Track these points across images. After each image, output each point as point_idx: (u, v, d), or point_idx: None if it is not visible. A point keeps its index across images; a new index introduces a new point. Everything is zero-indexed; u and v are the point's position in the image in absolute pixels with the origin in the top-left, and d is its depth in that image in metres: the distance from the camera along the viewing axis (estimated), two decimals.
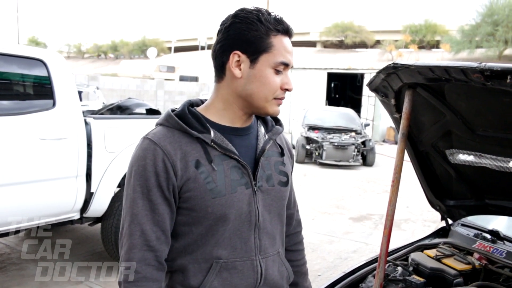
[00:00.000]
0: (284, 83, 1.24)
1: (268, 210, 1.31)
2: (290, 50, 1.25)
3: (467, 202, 2.28)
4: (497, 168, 1.83)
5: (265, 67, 1.22)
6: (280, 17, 1.24)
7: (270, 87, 1.23)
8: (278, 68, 1.22)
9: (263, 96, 1.23)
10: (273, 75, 1.23)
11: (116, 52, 61.68)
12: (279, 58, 1.22)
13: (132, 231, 1.18)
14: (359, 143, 11.80)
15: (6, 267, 4.11)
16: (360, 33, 48.51)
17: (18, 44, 4.20)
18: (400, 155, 1.83)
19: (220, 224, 1.22)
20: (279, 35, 1.22)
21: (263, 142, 1.33)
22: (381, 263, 1.85)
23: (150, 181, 1.18)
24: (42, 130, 3.35)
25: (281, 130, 1.41)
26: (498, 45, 32.05)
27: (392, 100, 1.89)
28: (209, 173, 1.20)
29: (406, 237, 5.39)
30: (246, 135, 1.32)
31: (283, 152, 1.40)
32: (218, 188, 1.20)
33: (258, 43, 1.21)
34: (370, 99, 18.52)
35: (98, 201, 3.78)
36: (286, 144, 1.48)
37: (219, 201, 1.20)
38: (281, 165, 1.37)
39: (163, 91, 22.05)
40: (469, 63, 1.33)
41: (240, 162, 1.24)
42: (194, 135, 1.21)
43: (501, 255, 2.17)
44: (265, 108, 1.26)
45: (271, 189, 1.31)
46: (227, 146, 1.23)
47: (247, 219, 1.26)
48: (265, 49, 1.21)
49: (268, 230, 1.31)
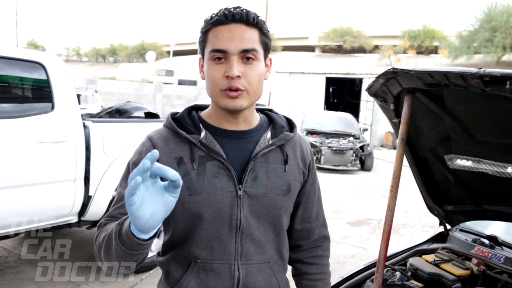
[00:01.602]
0: (226, 71, 1.19)
1: (257, 216, 1.27)
2: (227, 36, 1.19)
3: (465, 207, 2.28)
4: (496, 173, 1.84)
5: (206, 62, 1.23)
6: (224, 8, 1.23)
7: (210, 79, 1.22)
8: (215, 57, 1.20)
9: (210, 90, 1.24)
10: (213, 66, 1.21)
11: (114, 55, 61.74)
12: (210, 47, 1.21)
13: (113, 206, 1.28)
14: (357, 148, 11.81)
15: (4, 270, 4.09)
16: (359, 38, 48.67)
17: (17, 47, 4.19)
18: (399, 160, 1.83)
19: (196, 222, 1.23)
20: (213, 28, 1.22)
21: (261, 147, 1.29)
22: (379, 268, 1.85)
23: (134, 165, 1.27)
24: (41, 133, 3.34)
25: (290, 136, 1.35)
26: (496, 51, 32.18)
27: (391, 105, 1.89)
28: (188, 171, 1.22)
29: (404, 242, 5.38)
30: (244, 139, 1.30)
31: (287, 161, 1.33)
32: (195, 186, 1.21)
33: (201, 44, 1.26)
34: (368, 104, 18.55)
35: (96, 204, 3.77)
36: (301, 151, 1.39)
37: (195, 198, 1.21)
38: (279, 172, 1.31)
39: (162, 94, 22.06)
40: (469, 68, 1.33)
41: (224, 164, 1.24)
42: (182, 135, 1.25)
43: (499, 261, 2.17)
44: (217, 102, 1.23)
45: (262, 195, 1.26)
46: (214, 148, 1.24)
47: (228, 222, 1.24)
48: (204, 45, 1.24)
49: (255, 237, 1.27)
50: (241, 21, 1.20)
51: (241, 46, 1.19)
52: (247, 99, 1.22)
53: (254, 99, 1.25)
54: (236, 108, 1.22)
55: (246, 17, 1.21)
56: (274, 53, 48.91)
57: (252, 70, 1.21)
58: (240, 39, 1.19)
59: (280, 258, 1.36)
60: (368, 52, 48.76)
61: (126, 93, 20.13)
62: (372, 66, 37.11)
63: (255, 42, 1.22)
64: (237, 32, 1.20)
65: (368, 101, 18.34)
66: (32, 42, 61.36)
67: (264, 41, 1.25)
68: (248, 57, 1.20)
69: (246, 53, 1.20)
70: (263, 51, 1.25)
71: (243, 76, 1.19)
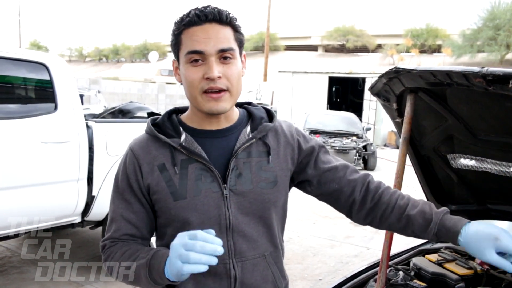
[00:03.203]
0: (205, 73, 1.17)
1: (245, 212, 1.26)
2: (202, 36, 1.17)
3: (469, 207, 2.27)
4: (499, 172, 1.83)
5: (183, 65, 1.21)
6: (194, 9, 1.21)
7: (188, 82, 1.20)
8: (192, 59, 1.18)
9: (190, 95, 1.22)
10: (190, 68, 1.19)
11: (117, 56, 61.82)
12: (186, 49, 1.18)
13: (111, 227, 1.27)
14: (360, 147, 11.79)
15: (7, 270, 4.11)
16: (362, 37, 48.59)
17: (20, 48, 4.20)
18: (402, 160, 1.83)
19: (186, 228, 1.20)
20: (186, 29, 1.19)
21: (241, 142, 1.28)
22: (382, 267, 1.84)
23: (122, 182, 1.27)
24: (44, 133, 3.36)
25: (270, 126, 1.32)
26: (499, 50, 32.08)
27: (394, 105, 1.89)
28: (171, 177, 1.22)
29: (407, 242, 5.36)
30: (225, 136, 1.28)
31: (270, 151, 1.30)
32: (179, 191, 1.21)
33: (174, 46, 1.24)
34: (371, 103, 18.53)
35: (99, 204, 3.78)
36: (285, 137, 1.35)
37: (181, 203, 1.21)
38: (266, 165, 1.29)
39: (165, 94, 22.09)
40: (471, 67, 1.33)
41: (206, 166, 1.23)
42: (162, 139, 1.25)
43: None
44: (199, 106, 1.21)
45: (248, 191, 1.25)
46: (195, 150, 1.23)
47: (217, 223, 1.23)
48: (179, 48, 1.22)
49: (246, 233, 1.26)
50: (214, 21, 1.19)
51: (218, 46, 1.17)
52: (230, 100, 1.22)
53: (236, 98, 1.25)
54: (220, 112, 1.22)
55: (219, 16, 1.19)
56: (277, 53, 48.92)
57: (231, 69, 1.20)
58: (216, 39, 1.17)
59: (275, 249, 1.34)
60: (371, 51, 48.68)
61: (129, 93, 20.16)
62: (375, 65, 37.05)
63: (231, 40, 1.21)
64: (212, 32, 1.18)
65: (371, 100, 18.32)
66: (35, 42, 61.51)
67: (239, 38, 1.24)
68: (225, 56, 1.19)
69: (223, 53, 1.18)
70: (239, 48, 1.24)
71: (223, 76, 1.18)
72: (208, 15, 1.18)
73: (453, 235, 1.20)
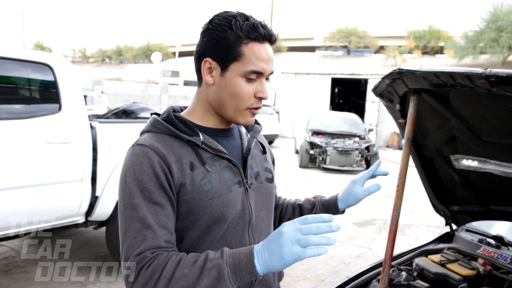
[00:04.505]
0: (258, 91, 1.21)
1: (260, 207, 1.34)
2: (266, 58, 1.20)
3: (471, 207, 2.28)
4: (502, 173, 1.84)
5: (235, 76, 1.19)
6: (258, 23, 1.19)
7: (240, 97, 1.20)
8: (250, 77, 1.19)
9: (233, 106, 1.22)
10: (244, 83, 1.19)
11: (120, 56, 61.92)
12: (249, 67, 1.18)
13: (146, 235, 1.11)
14: (362, 148, 11.79)
15: (11, 270, 4.13)
16: (364, 39, 48.58)
17: (24, 49, 4.22)
18: (405, 160, 1.84)
19: (217, 224, 1.22)
20: (251, 43, 1.18)
21: (247, 141, 1.37)
22: (385, 268, 1.85)
23: (149, 184, 1.14)
24: (48, 134, 3.37)
25: (260, 128, 1.45)
26: (502, 51, 32.01)
27: (397, 106, 1.90)
28: (204, 175, 1.20)
29: (409, 243, 5.38)
30: (230, 136, 1.35)
31: (265, 150, 1.45)
32: (215, 188, 1.21)
33: (227, 52, 1.18)
34: (374, 105, 18.51)
35: (103, 204, 3.79)
36: (264, 142, 1.51)
37: (217, 201, 1.21)
38: (265, 162, 1.42)
39: (168, 95, 22.10)
40: (475, 69, 1.34)
41: (231, 162, 1.26)
42: (184, 138, 1.21)
43: (506, 261, 2.16)
44: (236, 117, 1.24)
45: (260, 186, 1.35)
46: (217, 147, 1.25)
47: (242, 217, 1.27)
48: (235, 57, 1.18)
49: (261, 227, 1.33)
50: (271, 41, 1.22)
51: (271, 69, 1.23)
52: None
53: None
54: (251, 124, 1.30)
55: (274, 38, 1.23)
56: (279, 54, 48.89)
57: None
58: (272, 62, 1.23)
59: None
60: (374, 52, 48.64)
61: (132, 94, 20.18)
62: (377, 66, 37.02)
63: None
64: (270, 54, 1.22)
65: (374, 101, 18.30)
66: (39, 43, 61.70)
67: None
68: (267, 77, 1.25)
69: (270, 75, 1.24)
70: None
71: None
72: (272, 36, 1.22)
73: (334, 201, 1.57)
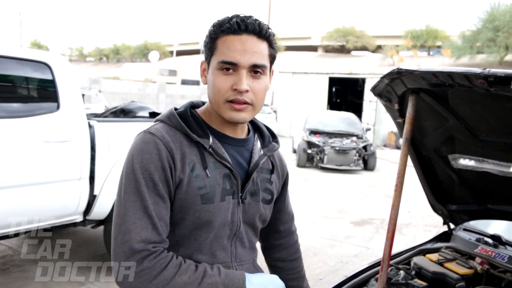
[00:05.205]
0: (234, 83, 1.17)
1: (246, 221, 1.33)
2: (240, 48, 1.17)
3: (469, 206, 2.29)
4: (500, 173, 1.84)
5: (213, 70, 1.20)
6: (236, 16, 1.20)
7: (215, 89, 1.19)
8: (224, 68, 1.17)
9: (214, 100, 1.21)
10: (220, 76, 1.18)
11: (118, 55, 61.84)
12: (220, 58, 1.18)
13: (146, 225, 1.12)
14: (360, 148, 11.80)
15: (9, 268, 4.12)
16: (362, 38, 48.62)
17: (21, 47, 4.21)
18: (403, 160, 1.84)
19: (204, 229, 1.23)
20: (224, 36, 1.18)
21: (258, 156, 1.33)
22: (383, 267, 1.85)
23: (156, 175, 1.14)
24: (46, 132, 3.36)
25: (277, 147, 1.41)
26: (499, 51, 32.10)
27: (395, 105, 1.90)
28: (203, 179, 1.20)
29: (407, 242, 5.39)
30: (241, 146, 1.32)
31: (273, 170, 1.41)
32: (209, 194, 1.21)
33: (207, 49, 1.23)
34: (371, 104, 18.53)
35: (101, 203, 3.78)
36: (280, 162, 1.47)
37: (208, 207, 1.21)
38: (268, 182, 1.37)
39: (165, 94, 22.09)
40: (473, 69, 1.34)
41: (232, 172, 1.25)
42: (194, 138, 1.21)
43: (503, 260, 2.17)
44: (220, 112, 1.21)
45: (254, 203, 1.32)
46: (223, 154, 1.24)
47: (229, 228, 1.27)
48: (212, 52, 1.21)
49: (244, 240, 1.34)
50: (253, 33, 1.18)
51: (252, 60, 1.18)
52: (251, 113, 1.23)
53: (257, 112, 1.26)
54: (240, 121, 1.23)
55: (259, 29, 1.19)
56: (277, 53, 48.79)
57: (259, 85, 1.21)
58: (251, 53, 1.17)
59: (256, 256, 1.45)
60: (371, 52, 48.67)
61: (129, 93, 20.16)
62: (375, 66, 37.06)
63: (265, 56, 1.21)
64: (249, 45, 1.18)
65: (371, 101, 18.32)
66: (36, 42, 61.55)
67: (272, 54, 1.25)
68: (256, 71, 1.20)
69: (255, 68, 1.19)
70: (270, 64, 1.25)
71: (251, 90, 1.19)
72: (249, 26, 1.18)
73: None
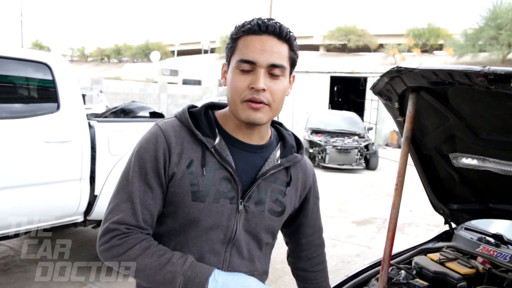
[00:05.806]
0: (251, 82, 1.17)
1: (248, 231, 1.29)
2: (259, 48, 1.18)
3: (470, 206, 2.28)
4: (501, 172, 1.83)
5: (232, 70, 1.21)
6: (257, 18, 1.21)
7: (233, 88, 1.20)
8: (242, 68, 1.18)
9: (231, 99, 1.21)
10: (238, 75, 1.19)
11: (119, 55, 61.87)
12: (239, 57, 1.19)
13: (126, 208, 1.19)
14: (362, 147, 11.79)
15: (10, 269, 4.12)
16: (363, 37, 48.49)
17: (22, 48, 4.21)
18: (404, 159, 1.83)
19: (193, 227, 1.23)
20: (244, 36, 1.20)
21: (270, 166, 1.29)
22: (384, 266, 1.85)
23: (148, 164, 1.20)
24: (47, 133, 3.36)
25: (299, 158, 1.36)
26: (501, 49, 31.97)
27: (395, 104, 1.89)
28: (197, 176, 1.20)
29: (409, 241, 5.37)
30: (255, 153, 1.29)
31: (290, 183, 1.35)
32: (201, 193, 1.20)
33: (228, 49, 1.24)
34: (373, 103, 18.51)
35: (102, 203, 3.78)
36: (304, 175, 1.41)
37: (197, 206, 1.21)
38: (280, 194, 1.32)
39: (166, 94, 22.11)
40: (473, 66, 1.33)
41: (233, 176, 1.23)
42: (198, 136, 1.22)
43: (505, 259, 2.16)
44: (237, 112, 1.21)
45: (258, 213, 1.28)
46: (226, 157, 1.23)
47: (223, 233, 1.25)
48: (232, 52, 1.22)
49: (243, 250, 1.30)
50: (273, 34, 1.19)
51: (270, 60, 1.18)
52: (268, 114, 1.22)
53: (274, 114, 1.24)
54: (256, 122, 1.21)
55: (279, 31, 1.19)
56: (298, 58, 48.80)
57: (277, 86, 1.20)
58: (270, 52, 1.18)
59: (264, 272, 1.40)
60: (373, 51, 48.61)
61: (130, 93, 20.19)
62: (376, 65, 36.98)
63: (284, 58, 1.21)
64: (268, 45, 1.18)
65: (373, 100, 18.30)
66: (37, 42, 61.55)
67: (292, 57, 1.24)
68: (274, 72, 1.19)
69: (273, 68, 1.19)
70: (290, 67, 1.24)
71: (268, 90, 1.18)
72: (269, 27, 1.19)
73: None
